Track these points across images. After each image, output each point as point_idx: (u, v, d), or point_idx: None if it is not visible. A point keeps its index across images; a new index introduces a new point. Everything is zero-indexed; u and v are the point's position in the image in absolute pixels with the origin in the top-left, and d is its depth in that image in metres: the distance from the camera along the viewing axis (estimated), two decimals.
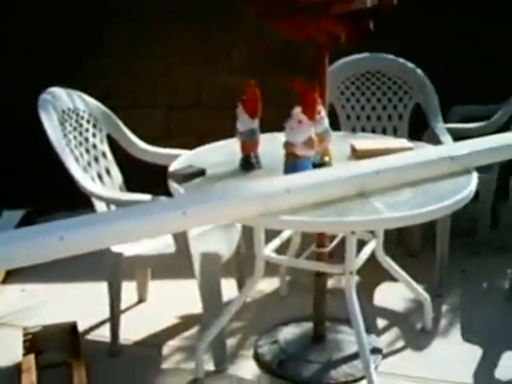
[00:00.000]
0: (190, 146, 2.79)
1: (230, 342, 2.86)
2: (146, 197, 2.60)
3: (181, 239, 2.57)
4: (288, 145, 2.21)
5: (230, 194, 2.07)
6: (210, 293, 2.66)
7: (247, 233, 2.81)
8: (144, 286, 3.22)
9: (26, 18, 4.08)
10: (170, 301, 3.19)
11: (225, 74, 4.22)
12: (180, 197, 2.26)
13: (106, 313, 2.84)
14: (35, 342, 2.72)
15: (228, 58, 4.23)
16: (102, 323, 3.01)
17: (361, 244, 2.60)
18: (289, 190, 2.02)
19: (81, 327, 2.90)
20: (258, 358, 2.77)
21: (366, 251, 2.62)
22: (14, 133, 4.09)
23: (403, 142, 2.63)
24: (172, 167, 2.50)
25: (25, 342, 2.71)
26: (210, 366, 2.69)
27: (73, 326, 2.80)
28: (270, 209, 2.01)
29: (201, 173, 2.42)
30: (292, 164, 2.21)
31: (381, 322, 3.06)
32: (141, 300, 3.22)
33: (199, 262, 2.63)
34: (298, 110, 2.19)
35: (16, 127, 4.01)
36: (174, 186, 2.34)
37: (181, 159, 2.61)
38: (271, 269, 2.79)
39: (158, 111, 4.33)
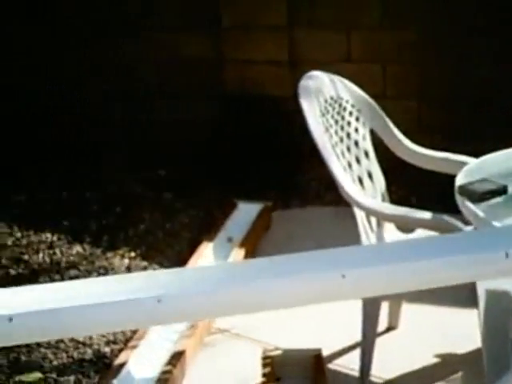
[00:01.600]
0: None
1: None
2: (426, 214, 2.10)
3: None
4: None
5: None
6: (495, 341, 2.10)
7: None
8: (397, 311, 2.73)
9: None
10: (426, 332, 2.67)
11: None
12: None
13: (351, 338, 2.42)
14: (274, 368, 2.35)
15: None
16: (344, 351, 2.58)
17: None
18: None
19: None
20: None
21: None
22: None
23: None
24: (460, 179, 2.00)
25: (264, 365, 2.35)
26: None
27: (317, 354, 2.39)
28: None
29: (501, 191, 1.91)
30: None
31: None
32: (391, 327, 2.73)
33: (485, 300, 2.09)
34: None
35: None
36: (468, 205, 1.84)
37: (469, 169, 2.09)
38: None
39: (409, 102, 3.78)
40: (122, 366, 2.37)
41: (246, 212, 3.45)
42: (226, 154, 3.83)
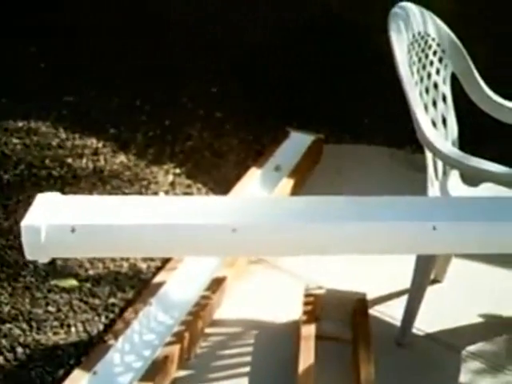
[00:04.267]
0: None
1: None
2: (502, 168, 1.95)
3: None
4: None
5: None
6: None
7: None
8: (445, 264, 2.61)
9: None
10: (472, 291, 2.56)
11: None
12: None
13: (397, 286, 2.34)
14: (316, 307, 2.26)
15: None
16: (389, 299, 2.48)
17: None
18: None
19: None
20: None
21: None
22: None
23: None
24: None
25: (305, 303, 2.26)
26: None
27: (362, 299, 2.29)
28: None
29: None
30: None
31: None
32: (436, 280, 2.62)
33: None
34: None
35: None
36: None
37: None
38: None
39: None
40: (160, 285, 2.29)
41: (297, 142, 3.30)
42: (288, 80, 3.67)
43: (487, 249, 1.24)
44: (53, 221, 1.12)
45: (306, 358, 2.03)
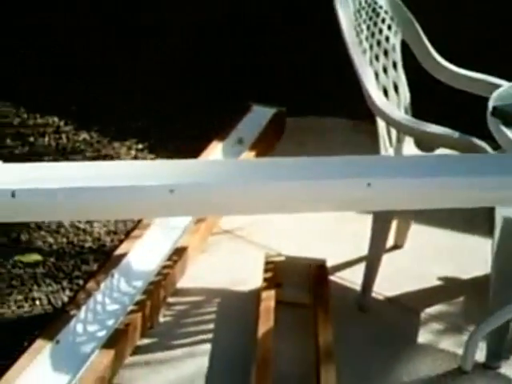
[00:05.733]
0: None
1: None
2: (454, 133, 2.01)
3: None
4: None
5: None
6: (506, 270, 2.05)
7: None
8: (405, 230, 2.66)
9: None
10: (432, 255, 2.62)
11: None
12: None
13: (357, 252, 2.39)
14: (276, 273, 2.31)
15: None
16: (350, 264, 2.53)
17: None
18: None
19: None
20: None
21: None
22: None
23: None
24: (493, 100, 1.89)
25: (266, 270, 2.31)
26: (478, 357, 2.13)
27: (321, 265, 2.35)
28: None
29: None
30: None
31: None
32: (396, 246, 2.68)
33: (501, 227, 2.02)
34: None
35: None
36: (501, 127, 1.74)
37: (503, 92, 1.98)
38: None
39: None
40: (122, 256, 2.32)
41: (259, 115, 3.34)
42: (250, 55, 3.69)
43: (422, 204, 1.29)
44: None
45: (265, 321, 2.08)
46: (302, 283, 2.31)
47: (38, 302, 2.25)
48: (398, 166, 1.27)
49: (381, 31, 2.37)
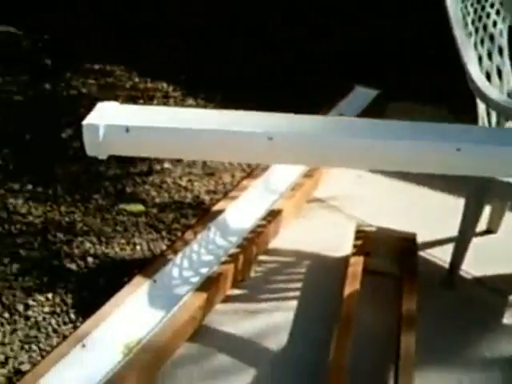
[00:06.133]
0: None
1: None
2: None
3: None
4: None
5: None
6: None
7: None
8: (499, 217, 2.66)
9: None
10: None
11: None
12: None
13: (450, 231, 2.39)
14: (366, 243, 2.36)
15: None
16: (441, 243, 2.55)
17: None
18: None
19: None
20: None
21: None
22: None
23: None
24: None
25: (356, 238, 2.36)
26: None
27: (412, 239, 2.38)
28: None
29: None
30: None
31: None
32: (489, 230, 2.68)
33: None
34: None
35: None
36: None
37: None
38: None
39: None
40: (219, 212, 2.43)
41: (362, 96, 3.39)
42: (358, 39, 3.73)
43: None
44: (110, 122, 1.29)
45: (352, 284, 2.13)
46: (390, 254, 2.35)
47: (138, 248, 2.39)
48: (488, 134, 1.33)
49: (488, 15, 2.36)
